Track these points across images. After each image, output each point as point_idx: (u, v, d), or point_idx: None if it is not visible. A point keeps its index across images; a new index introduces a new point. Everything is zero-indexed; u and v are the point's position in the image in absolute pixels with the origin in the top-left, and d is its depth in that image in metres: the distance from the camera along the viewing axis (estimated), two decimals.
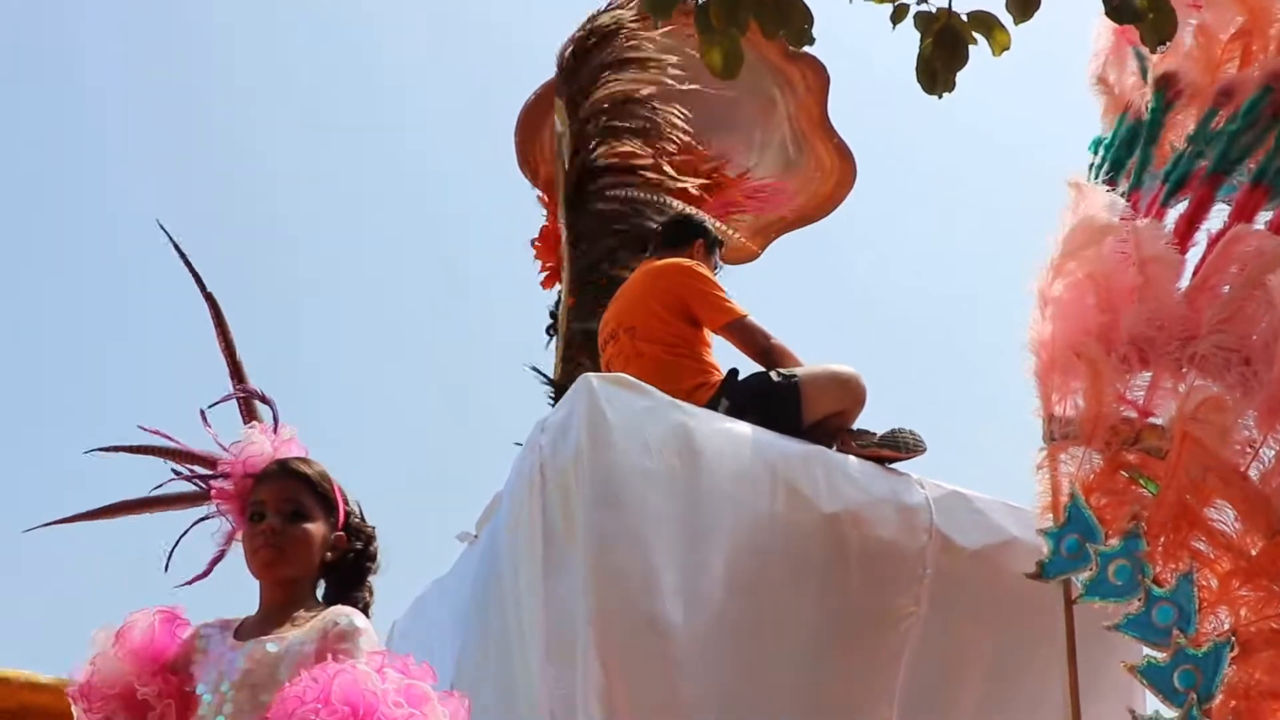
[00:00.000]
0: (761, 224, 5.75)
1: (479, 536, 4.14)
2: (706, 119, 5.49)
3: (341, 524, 2.86)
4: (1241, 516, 3.11)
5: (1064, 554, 3.24)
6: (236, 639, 2.72)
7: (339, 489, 2.90)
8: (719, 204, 5.49)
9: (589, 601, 3.40)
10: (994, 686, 3.90)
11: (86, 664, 2.71)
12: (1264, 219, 3.46)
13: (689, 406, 3.84)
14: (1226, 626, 3.08)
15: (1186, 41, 3.65)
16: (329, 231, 11.25)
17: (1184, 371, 3.19)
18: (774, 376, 4.18)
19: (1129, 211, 3.40)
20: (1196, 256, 3.40)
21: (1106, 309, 3.26)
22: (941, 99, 2.56)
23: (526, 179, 5.71)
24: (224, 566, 3.02)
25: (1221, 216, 3.46)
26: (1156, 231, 3.33)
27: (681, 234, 4.69)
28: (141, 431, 3.13)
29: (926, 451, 4.05)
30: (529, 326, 5.65)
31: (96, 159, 11.35)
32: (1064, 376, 3.30)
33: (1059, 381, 3.31)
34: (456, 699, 2.53)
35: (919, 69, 2.55)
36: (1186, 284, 3.32)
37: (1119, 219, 3.33)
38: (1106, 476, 3.24)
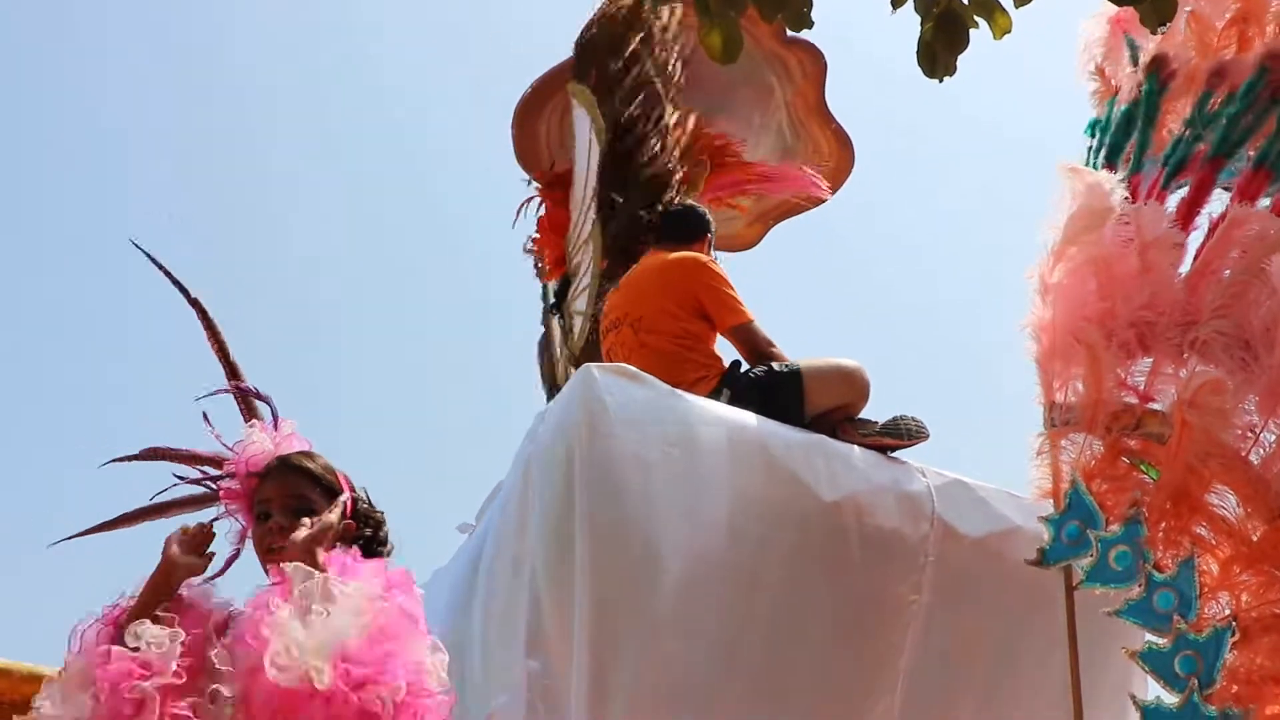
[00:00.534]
0: (759, 211, 5.74)
1: (477, 525, 4.15)
2: (704, 105, 5.48)
3: (350, 511, 2.87)
4: (1243, 501, 3.11)
5: (1065, 540, 3.24)
6: None
7: (344, 478, 2.91)
8: (726, 183, 5.47)
9: (587, 591, 3.39)
10: (995, 673, 3.90)
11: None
12: (1265, 204, 3.45)
13: (689, 396, 3.83)
14: (1227, 612, 3.08)
15: (1181, 29, 3.64)
16: (329, 223, 11.26)
17: (1185, 357, 3.18)
18: (777, 367, 4.17)
19: (1129, 196, 3.39)
20: (1197, 241, 3.39)
21: (1107, 295, 3.25)
22: (942, 82, 2.56)
23: (524, 171, 5.71)
24: (238, 565, 3.04)
25: (1223, 201, 3.45)
26: (1158, 215, 3.32)
27: (693, 228, 4.65)
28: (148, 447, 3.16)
29: (930, 438, 4.03)
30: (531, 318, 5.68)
31: (96, 155, 11.36)
32: (1065, 363, 3.29)
33: (1060, 368, 3.30)
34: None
35: (920, 53, 2.55)
36: (1187, 268, 3.31)
37: (1119, 204, 3.32)
38: (1107, 463, 3.24)
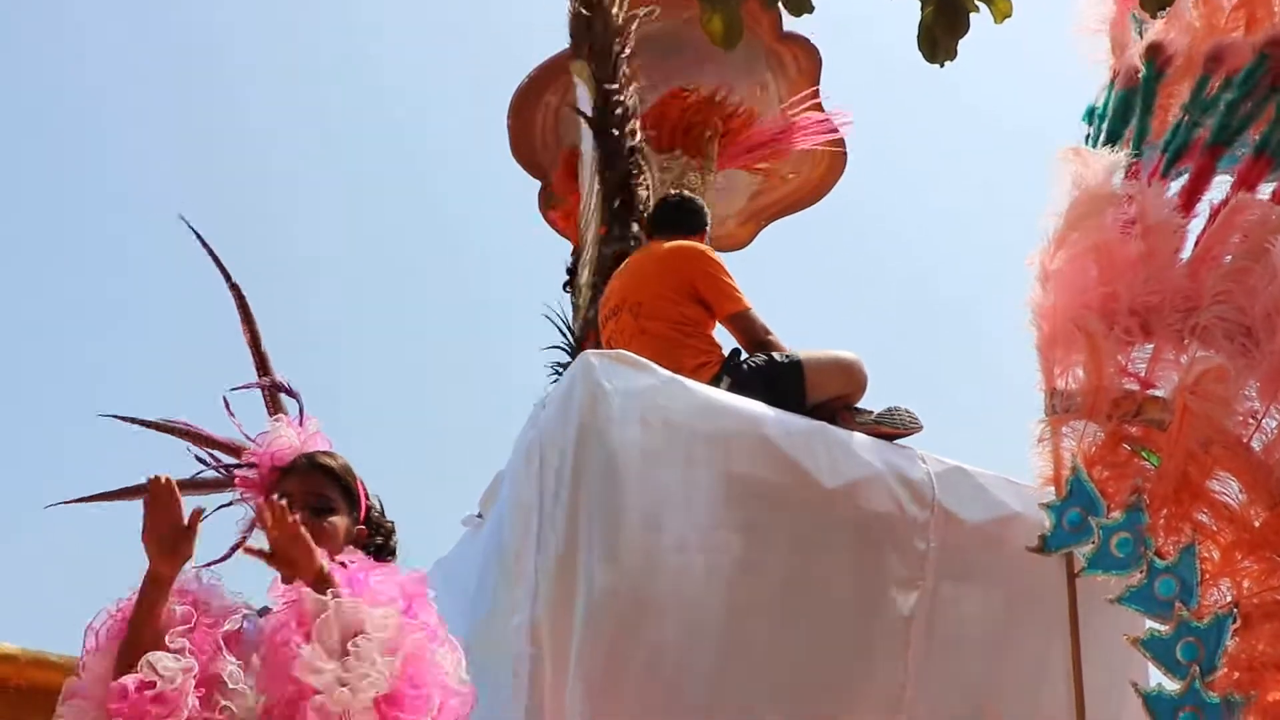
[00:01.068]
0: (752, 210, 5.74)
1: (483, 516, 4.14)
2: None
3: (363, 517, 2.90)
4: (1244, 488, 3.10)
5: (1066, 527, 3.23)
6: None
7: (361, 483, 2.93)
8: (744, 148, 5.43)
9: (587, 579, 3.39)
10: (997, 660, 3.90)
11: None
12: (1266, 191, 3.44)
13: (690, 382, 3.83)
14: (1229, 598, 3.07)
15: (1188, 11, 3.63)
16: (329, 223, 11.26)
17: (1186, 343, 3.18)
18: (777, 357, 4.18)
19: (1130, 182, 3.38)
20: (1198, 227, 3.38)
21: (1108, 280, 3.24)
22: (943, 67, 2.55)
23: (517, 161, 5.70)
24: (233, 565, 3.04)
25: (1223, 187, 3.44)
26: (1159, 199, 3.31)
27: (692, 220, 4.69)
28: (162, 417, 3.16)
29: (922, 430, 4.05)
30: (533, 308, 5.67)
31: (97, 150, 11.36)
32: (1066, 350, 3.29)
33: (1061, 355, 3.30)
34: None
35: (920, 37, 2.53)
36: (1189, 254, 3.30)
37: (1121, 189, 3.31)
38: (1108, 449, 3.23)
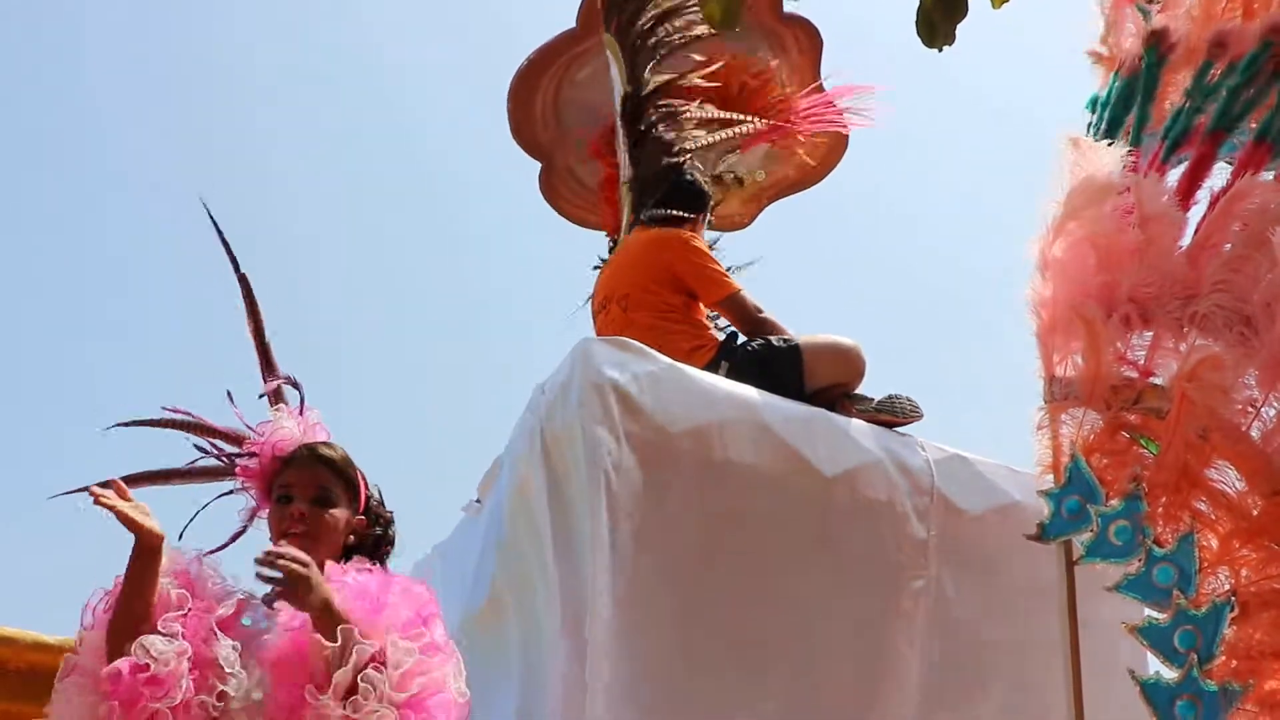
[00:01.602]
0: (751, 192, 5.72)
1: (481, 502, 4.15)
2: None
3: (362, 508, 2.91)
4: (1243, 476, 3.10)
5: (1064, 515, 3.22)
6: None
7: (361, 474, 2.94)
8: (776, 130, 5.39)
9: (594, 567, 3.40)
10: (995, 647, 3.91)
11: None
12: (1267, 178, 3.42)
13: (690, 369, 3.84)
14: (1227, 587, 3.07)
15: None
16: (330, 223, 11.27)
17: (1185, 331, 3.16)
18: (775, 341, 4.19)
19: (1129, 170, 3.37)
20: (1198, 215, 3.37)
21: (1107, 269, 3.23)
22: (941, 52, 2.54)
23: (517, 143, 5.69)
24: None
25: (1224, 175, 3.42)
26: (1158, 188, 3.30)
27: (692, 202, 4.68)
28: (163, 411, 3.16)
29: (923, 418, 4.06)
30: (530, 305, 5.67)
31: (96, 145, 11.36)
32: (1064, 337, 3.28)
33: (1060, 342, 3.29)
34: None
35: (918, 22, 2.53)
36: (1188, 242, 3.29)
37: (1120, 177, 3.30)
38: (1107, 437, 3.22)
